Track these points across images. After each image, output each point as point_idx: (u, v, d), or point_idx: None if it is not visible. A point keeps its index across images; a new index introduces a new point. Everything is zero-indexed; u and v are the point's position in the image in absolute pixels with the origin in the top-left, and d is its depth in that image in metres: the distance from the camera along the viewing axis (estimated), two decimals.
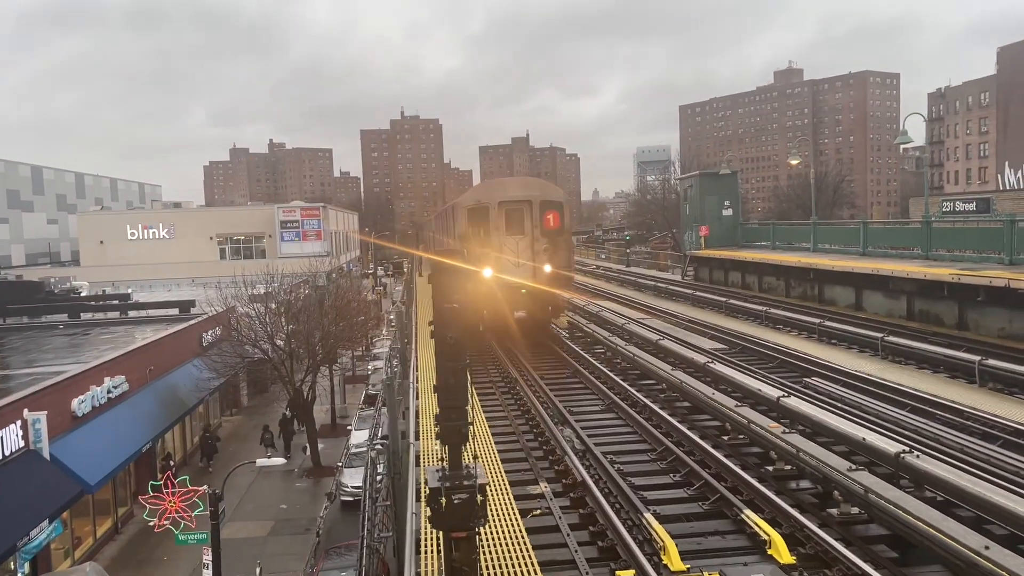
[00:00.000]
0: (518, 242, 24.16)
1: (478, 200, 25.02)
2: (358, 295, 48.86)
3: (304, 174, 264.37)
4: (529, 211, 24.39)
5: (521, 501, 10.97)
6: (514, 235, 24.20)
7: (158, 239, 78.53)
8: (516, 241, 24.16)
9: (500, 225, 24.12)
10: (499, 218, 24.14)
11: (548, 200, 24.93)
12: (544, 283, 24.06)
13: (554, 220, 24.60)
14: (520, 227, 24.33)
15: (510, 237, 24.17)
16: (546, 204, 24.72)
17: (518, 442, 14.70)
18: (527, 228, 24.35)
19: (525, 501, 11.11)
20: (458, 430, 7.69)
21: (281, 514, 30.74)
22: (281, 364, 35.55)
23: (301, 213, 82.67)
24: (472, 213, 24.50)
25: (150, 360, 32.30)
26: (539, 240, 24.25)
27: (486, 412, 16.42)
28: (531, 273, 23.91)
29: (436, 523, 7.63)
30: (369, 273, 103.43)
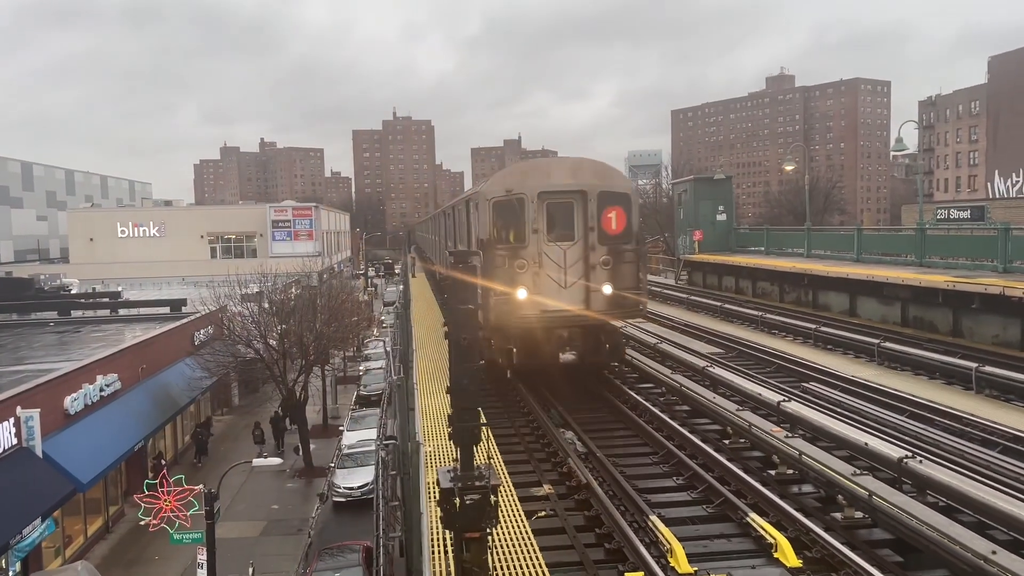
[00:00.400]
0: (566, 252, 17.31)
1: (509, 190, 17.37)
2: (350, 295, 48.77)
3: (295, 174, 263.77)
4: (582, 206, 17.38)
5: (526, 503, 10.98)
6: (560, 241, 17.36)
7: (148, 237, 78.16)
8: (563, 250, 17.31)
9: (540, 226, 17.20)
10: (539, 216, 17.20)
11: (610, 191, 17.64)
12: (602, 311, 17.30)
13: (618, 220, 17.54)
14: (569, 230, 17.48)
15: (554, 245, 17.33)
16: (607, 197, 17.52)
17: (520, 444, 14.71)
18: (579, 231, 17.41)
19: (530, 503, 11.12)
20: (471, 431, 7.69)
21: (273, 514, 30.62)
22: (274, 364, 35.43)
23: (293, 213, 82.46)
24: (499, 209, 17.36)
25: (142, 358, 32.13)
26: (596, 249, 17.29)
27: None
28: (583, 297, 17.26)
29: (448, 523, 7.62)
30: (360, 274, 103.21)
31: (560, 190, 17.47)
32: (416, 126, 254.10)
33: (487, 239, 17.16)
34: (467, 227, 20.76)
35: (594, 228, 17.31)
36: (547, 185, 17.47)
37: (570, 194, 17.48)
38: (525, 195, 17.23)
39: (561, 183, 17.54)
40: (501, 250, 17.08)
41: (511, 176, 18.29)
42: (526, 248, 17.13)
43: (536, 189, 17.29)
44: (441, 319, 28.92)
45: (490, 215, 17.38)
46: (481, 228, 17.60)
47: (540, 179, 17.64)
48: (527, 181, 17.59)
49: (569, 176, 17.71)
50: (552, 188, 17.45)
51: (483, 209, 17.58)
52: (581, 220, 17.42)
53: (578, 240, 17.43)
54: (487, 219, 17.38)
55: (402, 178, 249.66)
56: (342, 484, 30.57)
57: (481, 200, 17.76)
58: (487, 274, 16.17)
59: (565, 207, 17.50)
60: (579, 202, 17.45)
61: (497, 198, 17.44)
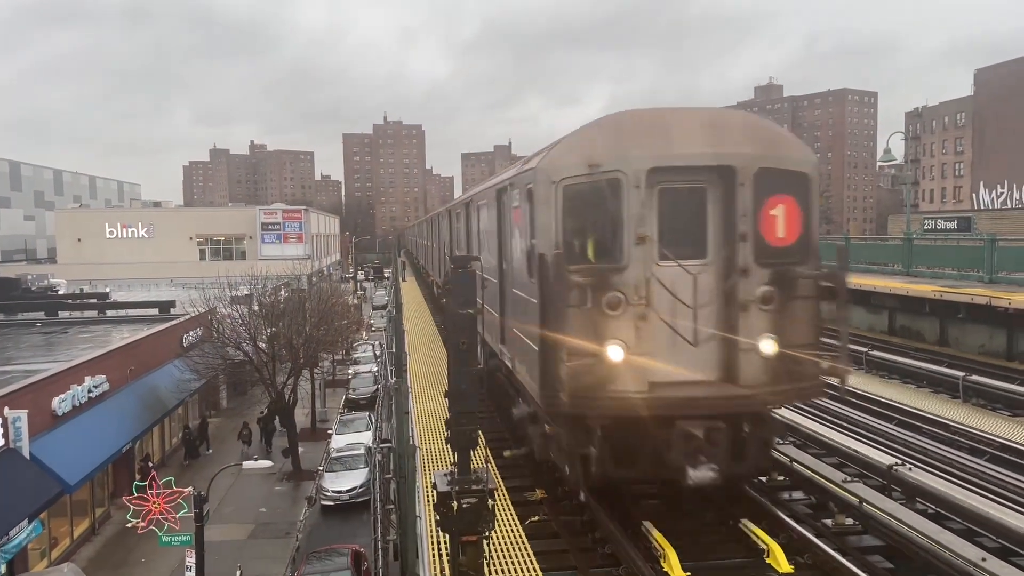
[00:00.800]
0: (696, 279, 9.59)
1: (593, 163, 9.44)
2: (340, 298, 48.74)
3: (285, 176, 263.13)
4: (726, 196, 9.65)
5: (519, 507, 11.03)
6: (687, 260, 9.61)
7: (137, 238, 77.83)
8: (691, 276, 9.57)
9: (651, 232, 9.47)
10: (648, 213, 9.46)
11: (777, 168, 9.78)
12: (762, 387, 9.48)
13: (790, 221, 9.80)
14: (700, 238, 9.79)
15: (675, 266, 9.57)
16: (772, 179, 9.68)
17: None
18: (719, 242, 9.72)
19: (523, 507, 11.17)
20: (468, 435, 7.74)
21: (261, 517, 30.54)
22: (263, 367, 35.36)
23: (283, 215, 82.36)
24: (575, 199, 9.55)
25: (131, 360, 32.01)
26: (750, 273, 9.50)
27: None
28: (726, 360, 9.62)
29: (445, 527, 7.67)
30: (349, 277, 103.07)
31: (688, 165, 9.46)
32: (407, 130, 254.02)
33: (553, 255, 9.18)
34: (498, 234, 12.98)
35: (747, 236, 9.41)
36: (664, 155, 9.40)
37: (705, 172, 9.53)
38: (623, 174, 9.24)
39: (690, 152, 9.46)
40: (578, 275, 9.19)
41: (599, 138, 9.76)
42: (623, 271, 9.28)
43: (645, 163, 9.28)
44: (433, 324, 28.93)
45: (558, 211, 9.42)
46: (541, 235, 9.54)
47: (652, 144, 9.50)
48: (627, 147, 9.44)
49: (704, 139, 9.61)
50: (674, 161, 9.40)
51: (545, 200, 9.54)
52: (723, 221, 9.58)
53: (718, 257, 9.59)
54: (553, 218, 9.43)
55: (392, 182, 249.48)
56: (330, 487, 30.53)
57: (540, 183, 9.66)
58: (550, 316, 9.05)
59: (695, 197, 9.64)
60: (720, 187, 9.55)
61: (571, 179, 9.41)
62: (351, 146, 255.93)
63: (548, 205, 9.52)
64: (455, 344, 7.67)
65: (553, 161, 9.70)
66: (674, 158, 9.38)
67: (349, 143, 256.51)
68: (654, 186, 9.36)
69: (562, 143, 10.12)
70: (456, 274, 7.76)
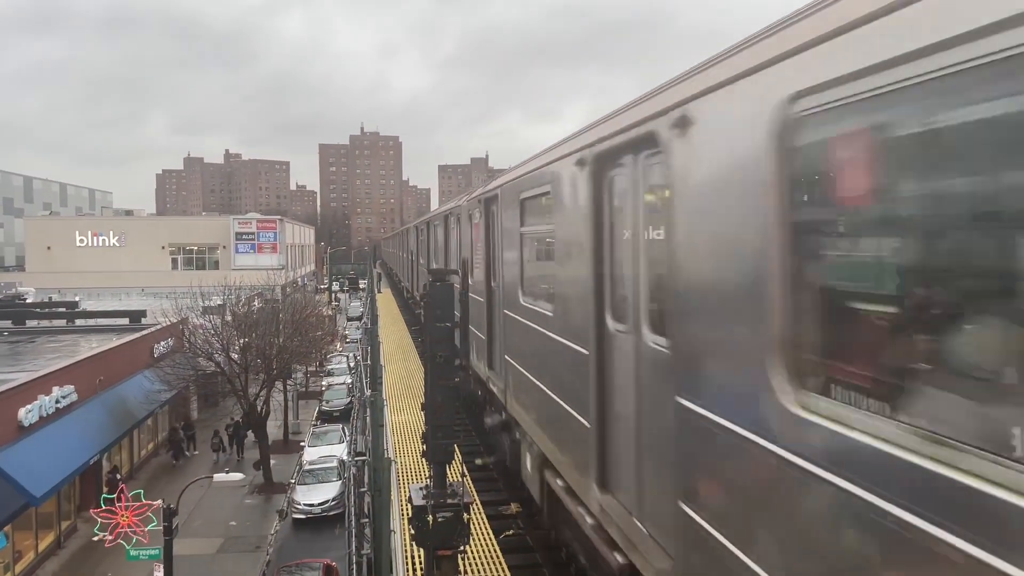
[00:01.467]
0: None
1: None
2: (315, 309, 48.41)
3: (260, 186, 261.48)
4: None
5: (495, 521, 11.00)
6: None
7: (108, 247, 76.79)
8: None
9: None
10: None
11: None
12: None
13: None
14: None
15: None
16: None
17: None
18: None
19: (498, 521, 11.14)
20: (445, 449, 7.71)
21: (231, 531, 30.11)
22: (236, 378, 35.01)
23: (257, 225, 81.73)
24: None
25: (100, 370, 31.52)
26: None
27: None
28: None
29: (421, 541, 7.62)
30: (324, 288, 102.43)
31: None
32: (384, 141, 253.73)
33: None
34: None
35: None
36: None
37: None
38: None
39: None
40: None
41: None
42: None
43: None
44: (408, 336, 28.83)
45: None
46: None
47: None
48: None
49: None
50: None
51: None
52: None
53: None
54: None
55: (368, 193, 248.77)
56: (302, 501, 30.22)
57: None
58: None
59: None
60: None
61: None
62: (327, 156, 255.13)
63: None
64: (432, 357, 7.65)
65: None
66: None
67: (325, 153, 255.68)
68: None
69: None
70: (434, 287, 7.75)
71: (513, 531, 10.91)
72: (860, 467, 3.01)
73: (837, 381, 3.29)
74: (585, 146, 6.41)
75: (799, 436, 3.42)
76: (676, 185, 4.64)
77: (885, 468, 2.87)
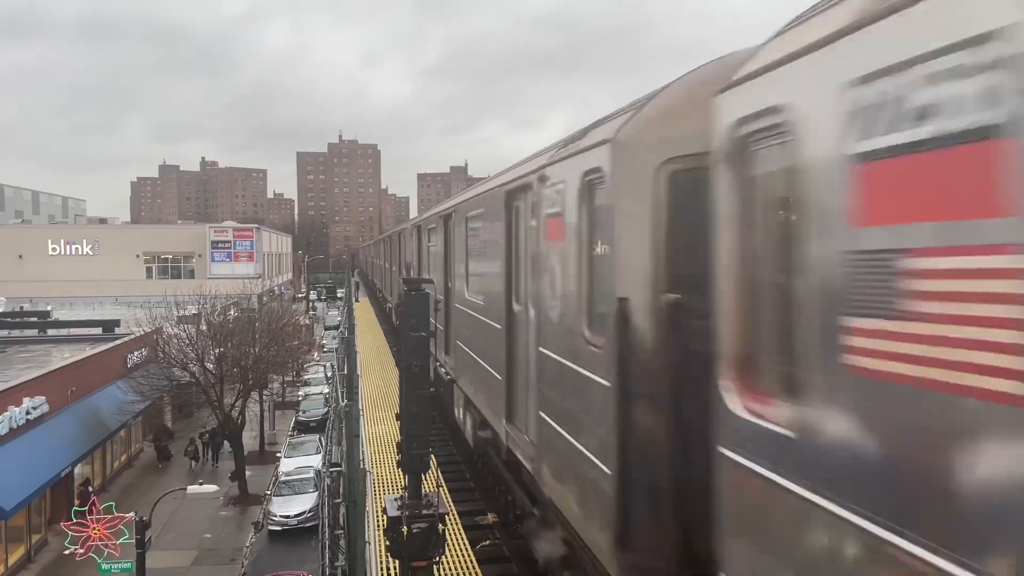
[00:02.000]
0: None
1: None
2: (292, 319, 48.09)
3: (237, 194, 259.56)
4: None
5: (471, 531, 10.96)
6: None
7: (81, 255, 75.80)
8: None
9: None
10: None
11: None
12: None
13: None
14: None
15: None
16: None
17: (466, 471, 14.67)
18: None
19: (474, 531, 11.09)
20: (420, 459, 7.68)
21: (205, 543, 29.75)
22: (211, 388, 34.66)
23: (233, 233, 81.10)
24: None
25: (72, 381, 31.11)
26: None
27: None
28: None
29: (395, 552, 7.57)
30: (301, 297, 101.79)
31: None
32: (362, 150, 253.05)
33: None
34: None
35: None
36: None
37: None
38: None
39: None
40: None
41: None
42: None
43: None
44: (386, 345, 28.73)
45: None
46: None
47: None
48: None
49: None
50: None
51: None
52: None
53: None
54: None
55: (347, 201, 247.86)
56: (278, 512, 29.92)
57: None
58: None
59: None
60: None
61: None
62: (305, 164, 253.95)
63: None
64: (407, 367, 7.62)
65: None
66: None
67: (303, 161, 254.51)
68: None
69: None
70: (409, 296, 7.73)
71: (490, 541, 10.87)
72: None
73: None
74: (501, 184, 9.48)
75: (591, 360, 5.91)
76: (540, 216, 7.37)
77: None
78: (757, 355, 3.74)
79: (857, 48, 2.89)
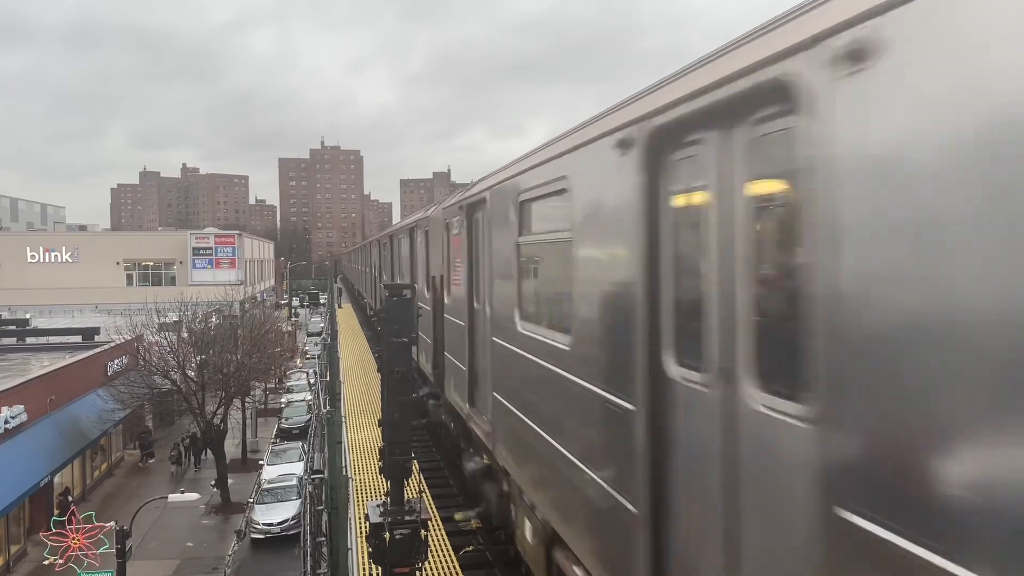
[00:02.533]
0: None
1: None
2: (274, 325, 47.81)
3: (218, 200, 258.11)
4: None
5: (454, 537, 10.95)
6: None
7: (60, 263, 75.06)
8: None
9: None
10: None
11: None
12: None
13: None
14: None
15: None
16: None
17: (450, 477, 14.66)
18: None
19: (457, 537, 11.09)
20: (402, 465, 7.68)
21: (187, 552, 29.51)
22: (192, 396, 34.41)
23: (215, 240, 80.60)
24: None
25: (51, 389, 30.80)
26: None
27: None
28: None
29: (377, 558, 7.56)
30: (283, 303, 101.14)
31: None
32: (344, 155, 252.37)
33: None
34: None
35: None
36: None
37: None
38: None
39: None
40: None
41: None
42: None
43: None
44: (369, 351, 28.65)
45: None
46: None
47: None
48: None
49: None
50: None
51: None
52: None
53: None
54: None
55: (329, 207, 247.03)
56: (261, 520, 29.70)
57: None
58: None
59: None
60: None
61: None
62: (287, 170, 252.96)
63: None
64: (389, 372, 7.62)
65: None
66: None
67: (285, 167, 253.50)
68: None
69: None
70: (390, 302, 7.73)
71: (473, 547, 10.87)
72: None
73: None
74: (458, 201, 10.81)
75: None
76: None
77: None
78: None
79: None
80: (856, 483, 2.64)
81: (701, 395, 3.82)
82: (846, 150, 2.71)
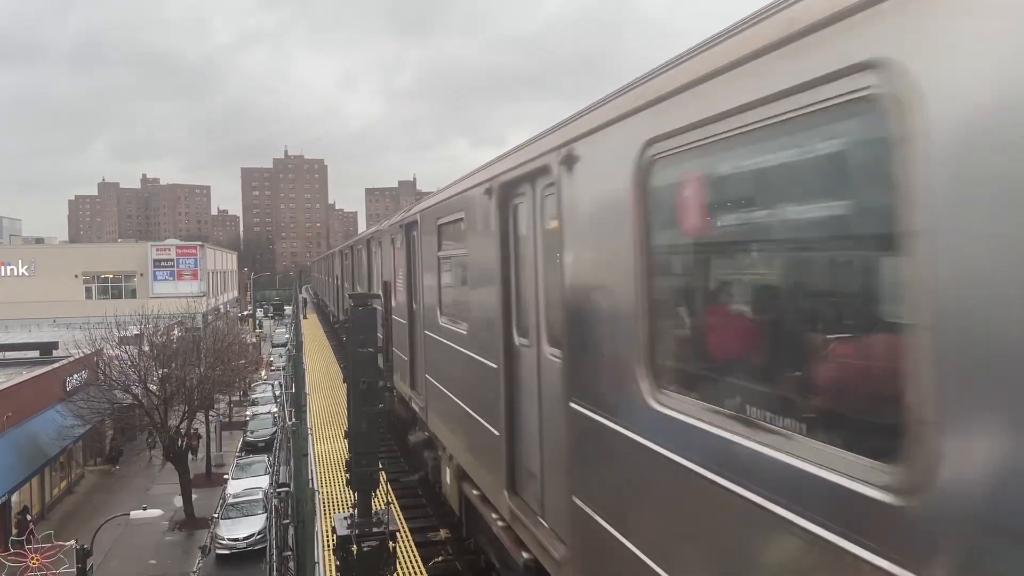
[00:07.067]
0: None
1: None
2: (237, 337, 47.22)
3: (179, 211, 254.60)
4: None
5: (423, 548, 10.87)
6: None
7: (17, 276, 73.33)
8: None
9: None
10: None
11: None
12: None
13: None
14: None
15: None
16: None
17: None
18: None
19: (426, 548, 11.01)
20: (369, 476, 7.61)
21: (151, 570, 28.99)
22: (154, 410, 33.83)
23: (176, 251, 79.38)
24: None
25: (8, 406, 30.03)
26: None
27: None
28: None
29: (345, 571, 7.48)
30: (247, 315, 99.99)
31: None
32: (308, 164, 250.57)
33: None
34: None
35: None
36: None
37: None
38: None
39: None
40: None
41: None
42: None
43: None
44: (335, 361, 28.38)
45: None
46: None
47: None
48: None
49: None
50: None
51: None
52: None
53: None
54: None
55: (293, 217, 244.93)
56: (226, 535, 29.29)
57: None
58: None
59: None
60: None
61: None
62: (250, 180, 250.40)
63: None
64: (355, 383, 7.56)
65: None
66: None
67: (248, 177, 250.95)
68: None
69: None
70: (356, 312, 7.68)
71: (442, 558, 10.81)
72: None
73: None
74: (399, 220, 12.78)
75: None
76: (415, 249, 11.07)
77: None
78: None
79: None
80: (574, 388, 4.98)
81: (527, 352, 6.22)
82: (570, 207, 5.00)
